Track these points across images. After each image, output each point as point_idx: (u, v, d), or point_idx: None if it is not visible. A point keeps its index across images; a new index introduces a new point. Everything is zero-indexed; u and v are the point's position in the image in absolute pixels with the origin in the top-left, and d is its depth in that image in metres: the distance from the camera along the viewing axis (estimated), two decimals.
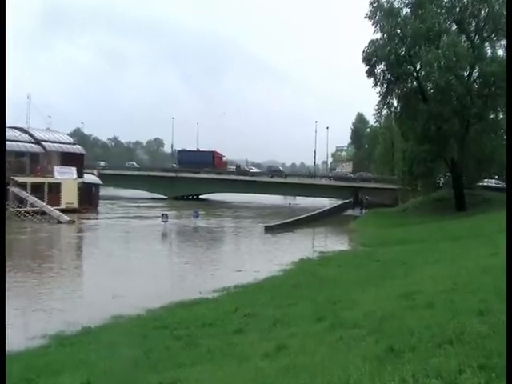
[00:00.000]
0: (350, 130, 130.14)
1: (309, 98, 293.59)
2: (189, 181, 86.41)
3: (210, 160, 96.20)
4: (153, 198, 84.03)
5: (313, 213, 55.54)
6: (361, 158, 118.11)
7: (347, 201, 71.06)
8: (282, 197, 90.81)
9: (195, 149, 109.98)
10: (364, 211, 61.85)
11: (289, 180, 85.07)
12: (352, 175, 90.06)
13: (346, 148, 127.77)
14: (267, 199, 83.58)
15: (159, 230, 43.19)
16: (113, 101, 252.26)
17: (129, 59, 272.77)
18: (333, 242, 38.61)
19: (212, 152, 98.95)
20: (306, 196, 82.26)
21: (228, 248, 36.04)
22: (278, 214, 61.41)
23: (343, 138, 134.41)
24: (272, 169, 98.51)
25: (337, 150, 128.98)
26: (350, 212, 64.35)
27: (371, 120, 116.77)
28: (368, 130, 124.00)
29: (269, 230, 43.52)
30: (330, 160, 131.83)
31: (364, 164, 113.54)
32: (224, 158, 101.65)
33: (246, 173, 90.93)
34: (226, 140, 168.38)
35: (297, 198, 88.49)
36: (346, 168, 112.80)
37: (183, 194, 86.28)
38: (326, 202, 77.77)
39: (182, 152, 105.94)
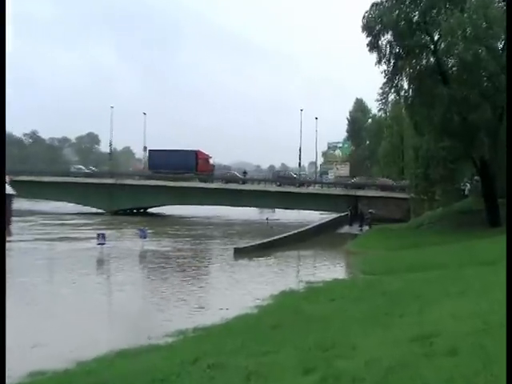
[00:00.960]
0: (347, 122, 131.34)
1: (291, 79, 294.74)
2: (134, 190, 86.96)
3: (193, 163, 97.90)
4: (85, 213, 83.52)
5: (297, 230, 56.23)
6: (360, 158, 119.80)
7: (343, 214, 72.06)
8: (257, 210, 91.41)
9: (144, 146, 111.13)
10: (365, 228, 62.38)
11: (266, 187, 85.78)
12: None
13: (340, 145, 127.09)
14: (238, 213, 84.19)
15: (94, 255, 43.02)
16: (30, 84, 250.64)
17: (47, 28, 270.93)
18: (324, 269, 38.98)
19: (195, 152, 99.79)
20: (289, 208, 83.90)
21: (186, 278, 35.78)
22: (252, 232, 61.87)
23: (337, 132, 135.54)
24: (280, 174, 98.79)
25: (329, 148, 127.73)
26: (346, 229, 65.64)
27: (374, 108, 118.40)
28: (369, 121, 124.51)
29: (240, 253, 43.90)
30: (321, 161, 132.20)
31: (364, 166, 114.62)
32: (211, 161, 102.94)
33: (236, 180, 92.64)
34: (181, 135, 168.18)
35: (276, 210, 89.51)
36: (342, 171, 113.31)
37: (126, 207, 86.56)
38: (314, 217, 78.27)
39: (154, 152, 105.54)
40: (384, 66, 47.27)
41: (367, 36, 46.14)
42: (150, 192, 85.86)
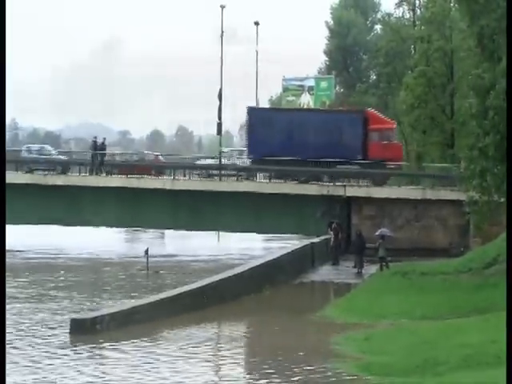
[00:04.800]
0: (326, 35, 77.72)
1: None
2: None
3: (358, 140, 48.12)
4: None
5: (213, 279, 29.67)
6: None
7: (317, 240, 42.06)
8: (124, 231, 60.65)
9: None
10: (364, 270, 37.75)
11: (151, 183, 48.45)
12: None
13: (311, 84, 71.03)
14: (73, 240, 51.30)
15: None
16: None
17: None
18: (273, 369, 18.41)
19: (363, 114, 50.00)
20: (199, 228, 49.29)
21: None
22: (107, 281, 37.03)
23: (306, 63, 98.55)
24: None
25: (286, 91, 72.59)
26: (325, 272, 39.59)
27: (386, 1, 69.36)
28: (377, 29, 74.21)
29: (82, 332, 22.64)
30: None
31: None
32: (393, 135, 51.72)
33: None
34: None
35: (165, 231, 58.98)
36: None
37: None
38: (252, 245, 52.61)
39: (260, 113, 51.89)
40: None
41: None
42: None
